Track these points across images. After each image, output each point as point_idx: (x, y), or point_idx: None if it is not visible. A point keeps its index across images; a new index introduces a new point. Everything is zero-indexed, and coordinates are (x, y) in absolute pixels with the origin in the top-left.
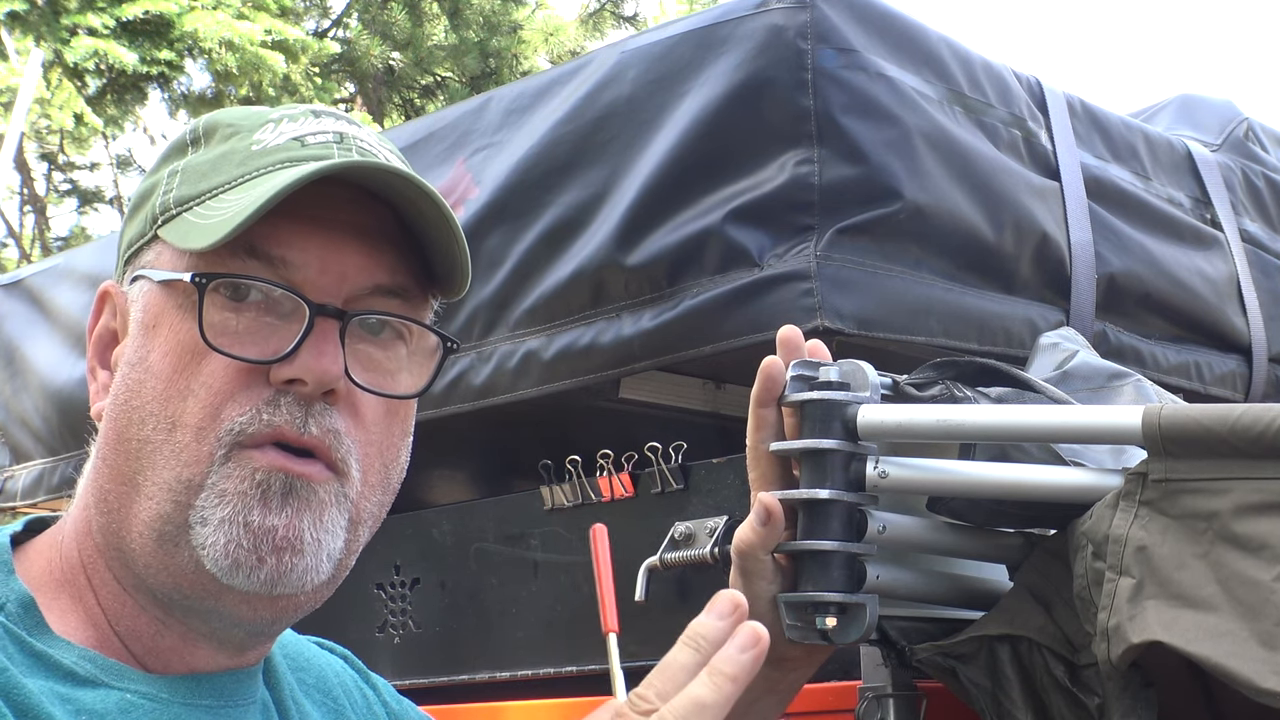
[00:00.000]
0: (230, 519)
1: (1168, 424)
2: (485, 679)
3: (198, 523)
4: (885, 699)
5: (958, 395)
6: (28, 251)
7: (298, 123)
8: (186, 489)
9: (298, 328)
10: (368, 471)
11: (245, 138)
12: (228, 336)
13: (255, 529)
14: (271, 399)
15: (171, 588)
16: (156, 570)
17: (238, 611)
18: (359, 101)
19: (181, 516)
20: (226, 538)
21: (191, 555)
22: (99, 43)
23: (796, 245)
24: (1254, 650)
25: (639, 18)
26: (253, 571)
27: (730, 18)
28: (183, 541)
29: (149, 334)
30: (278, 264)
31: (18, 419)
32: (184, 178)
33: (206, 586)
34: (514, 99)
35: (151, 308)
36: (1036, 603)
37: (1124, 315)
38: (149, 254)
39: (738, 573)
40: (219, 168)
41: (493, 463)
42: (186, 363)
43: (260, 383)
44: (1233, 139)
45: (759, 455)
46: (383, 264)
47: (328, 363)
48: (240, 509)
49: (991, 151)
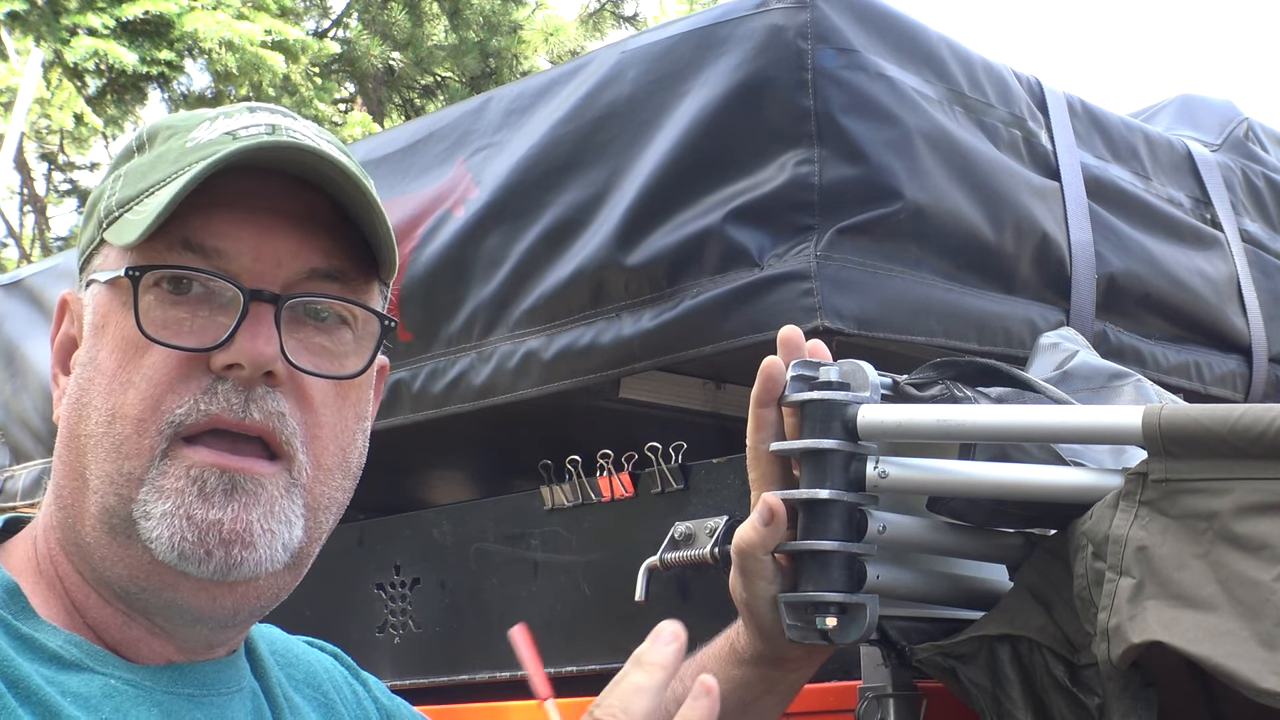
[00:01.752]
0: (172, 513)
1: (1168, 424)
2: (485, 679)
3: (141, 516)
4: (885, 699)
5: (958, 395)
6: (28, 251)
7: (232, 119)
8: (128, 481)
9: (234, 315)
10: (320, 455)
11: (181, 137)
12: (167, 329)
13: (199, 523)
14: (209, 388)
15: (129, 580)
16: (113, 563)
17: (197, 601)
18: (359, 101)
19: (126, 510)
20: (170, 530)
21: (143, 547)
22: (99, 43)
23: (796, 245)
24: (1254, 650)
25: (639, 18)
26: (202, 562)
27: (730, 18)
28: (132, 534)
29: (98, 334)
30: (212, 254)
31: (18, 419)
32: (125, 180)
33: (163, 577)
34: (514, 99)
35: (100, 308)
36: (1036, 603)
37: (1124, 315)
38: (98, 258)
39: (738, 572)
40: (156, 167)
41: (493, 463)
42: (130, 357)
43: (200, 373)
44: (1233, 139)
45: (759, 455)
46: (318, 248)
47: (261, 344)
48: (180, 504)
49: (991, 151)
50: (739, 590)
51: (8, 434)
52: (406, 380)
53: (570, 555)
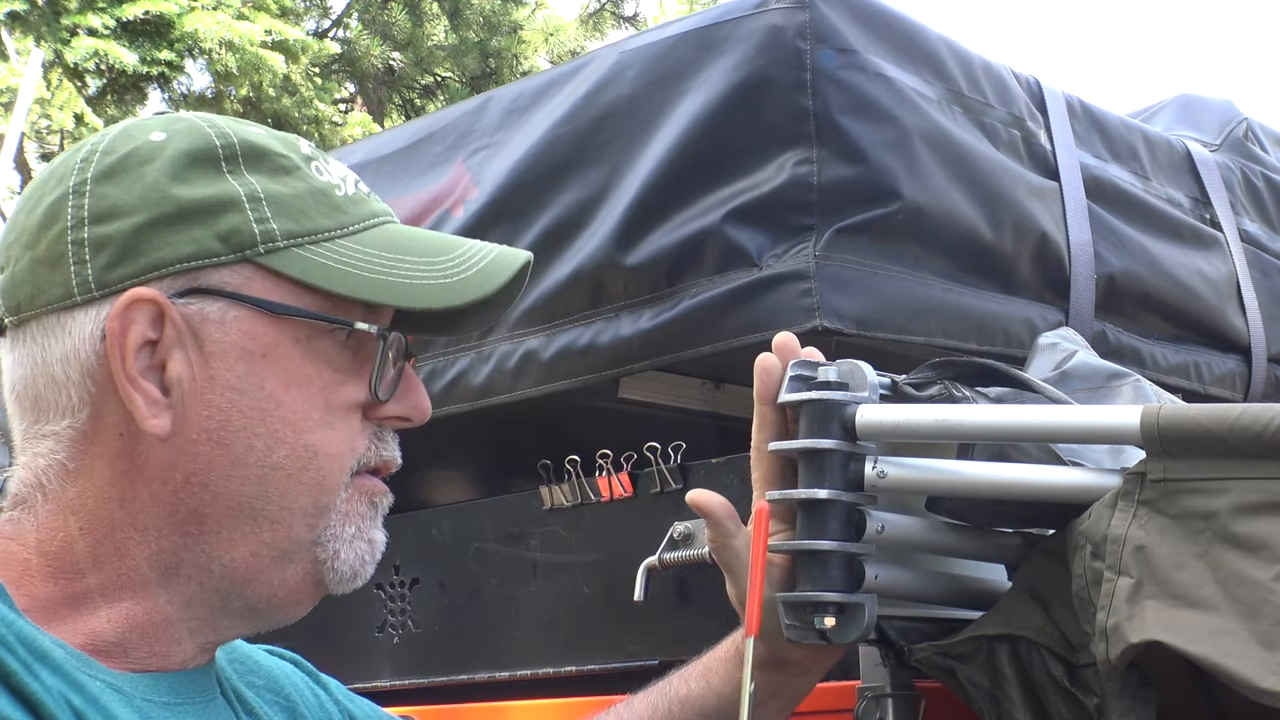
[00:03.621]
0: (357, 536)
1: (1166, 424)
2: (485, 679)
3: (328, 539)
4: (884, 699)
5: (956, 395)
6: None
7: (320, 160)
8: (320, 513)
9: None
10: None
11: (308, 176)
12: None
13: (373, 543)
14: (377, 433)
15: (264, 598)
16: (257, 585)
17: (303, 610)
18: (359, 101)
19: (310, 537)
20: (355, 554)
21: (307, 570)
22: (99, 43)
23: (795, 245)
24: (1253, 650)
25: (639, 18)
26: (356, 579)
27: (729, 18)
28: (301, 558)
29: (260, 363)
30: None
31: None
32: (276, 209)
33: (304, 590)
34: (514, 99)
35: (261, 336)
36: (1035, 603)
37: (1123, 315)
38: (229, 276)
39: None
40: (316, 208)
41: (492, 463)
42: (318, 398)
43: (363, 419)
44: (1232, 139)
45: (761, 455)
46: None
47: (425, 401)
48: (363, 528)
49: (991, 151)
50: (732, 592)
51: (8, 434)
52: None
53: (569, 555)
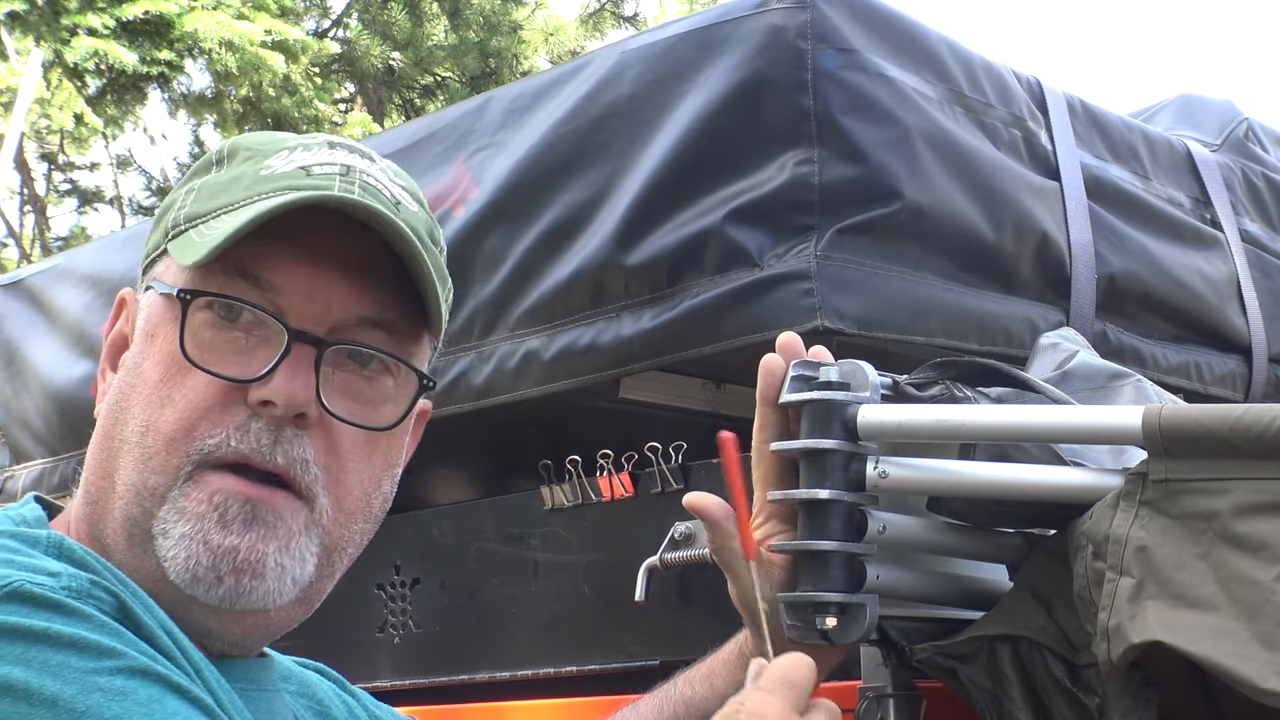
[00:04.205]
0: (190, 535)
1: (1168, 424)
2: (485, 679)
3: (160, 534)
4: (885, 699)
5: (958, 395)
6: (28, 251)
7: (310, 152)
8: (151, 496)
9: (274, 352)
10: (342, 499)
11: (258, 162)
12: (212, 354)
13: (215, 548)
14: (243, 424)
15: (148, 589)
16: (131, 569)
17: (206, 623)
18: (359, 101)
19: (146, 523)
20: (186, 553)
21: (157, 563)
22: (99, 43)
23: (796, 245)
24: (1254, 650)
25: (639, 18)
26: (211, 587)
27: (730, 18)
28: (149, 548)
29: (148, 342)
30: (265, 287)
31: (18, 419)
32: (198, 195)
33: (173, 595)
34: (514, 99)
35: (153, 317)
36: (1036, 603)
37: (1124, 315)
38: (159, 265)
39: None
40: (228, 189)
41: (493, 463)
42: (173, 374)
43: (238, 403)
44: (1233, 139)
45: (763, 455)
46: (369, 297)
47: (298, 387)
48: (199, 528)
49: (991, 151)
50: (734, 591)
51: (8, 434)
52: None
53: (570, 555)
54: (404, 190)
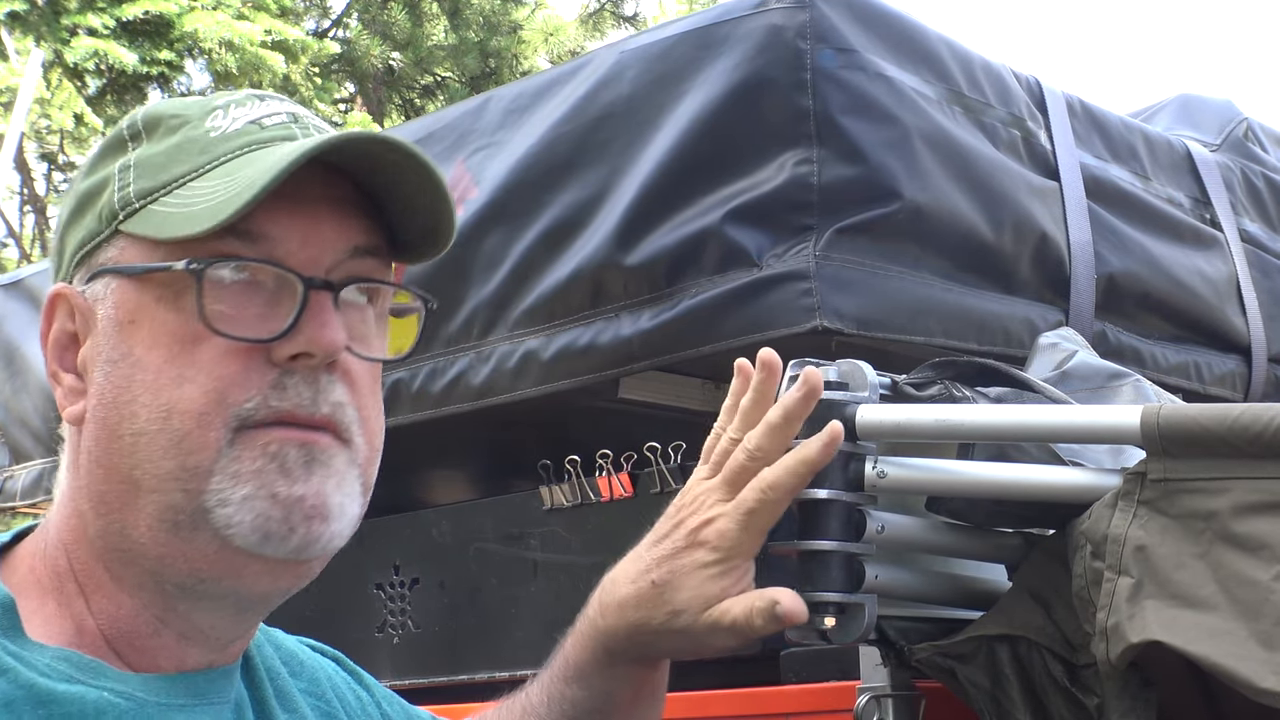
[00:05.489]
0: (254, 494)
1: (1166, 424)
2: (485, 679)
3: (217, 505)
4: (884, 699)
5: (957, 395)
6: (28, 251)
7: (247, 107)
8: (194, 475)
9: (290, 304)
10: (371, 438)
11: (197, 126)
12: (222, 321)
13: (283, 500)
14: (277, 381)
15: (188, 574)
16: (173, 559)
17: (258, 584)
18: (359, 101)
19: (194, 503)
20: (254, 513)
21: (214, 536)
22: (99, 43)
23: (796, 245)
24: (1253, 650)
25: (639, 18)
26: (283, 540)
27: (729, 18)
28: (202, 526)
29: (127, 330)
30: (260, 240)
31: (18, 419)
32: (140, 172)
33: (230, 563)
34: (514, 99)
35: (126, 303)
36: (1035, 603)
37: (1123, 315)
38: (110, 251)
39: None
40: (178, 158)
41: (492, 463)
42: (177, 352)
43: (261, 364)
44: (1232, 139)
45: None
46: (354, 224)
47: (331, 333)
48: (262, 485)
49: (991, 151)
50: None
51: (8, 434)
52: (406, 380)
53: (570, 555)
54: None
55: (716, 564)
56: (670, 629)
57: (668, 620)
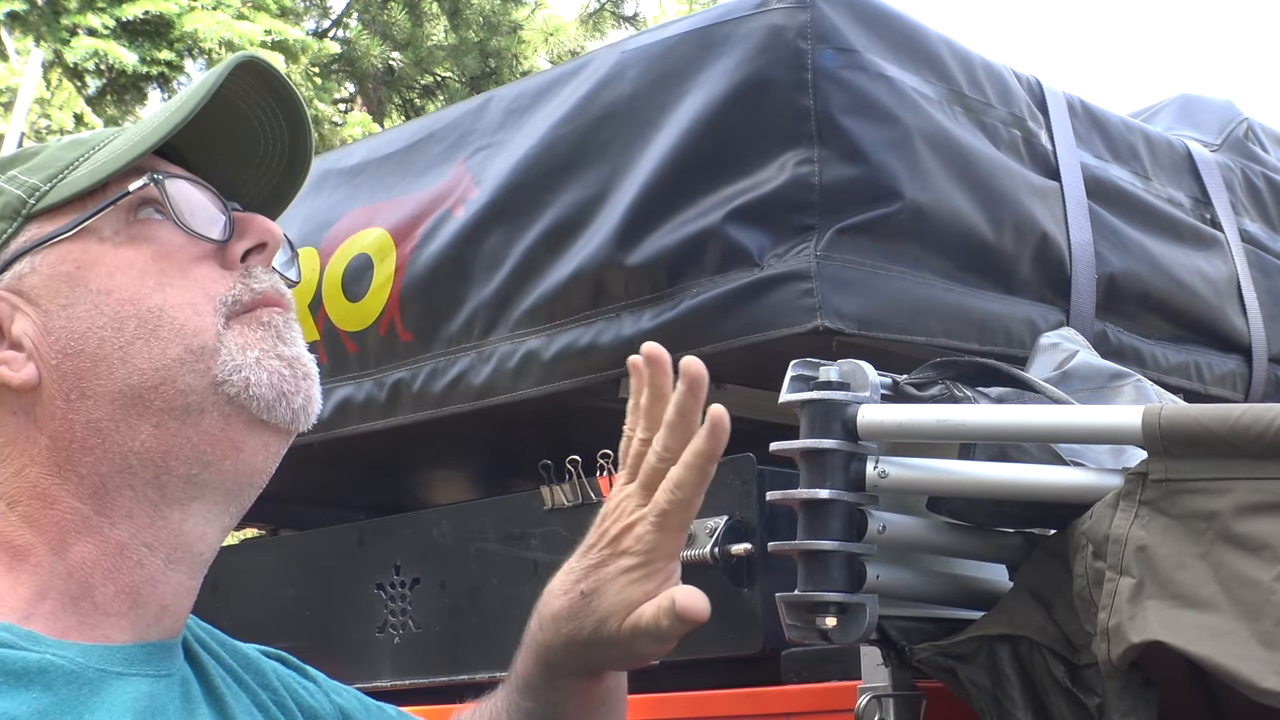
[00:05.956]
0: (263, 355)
1: (1168, 424)
2: (485, 679)
3: (232, 373)
4: (885, 699)
5: (958, 395)
6: None
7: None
8: (201, 355)
9: (222, 218)
10: None
11: (57, 145)
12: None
13: (288, 358)
14: (245, 273)
15: (194, 460)
16: (179, 450)
17: (255, 459)
18: (359, 101)
19: (205, 382)
20: (269, 372)
21: (224, 412)
22: (99, 43)
23: (796, 245)
24: (1254, 650)
25: (639, 18)
26: (292, 399)
27: (730, 18)
28: (209, 404)
29: (75, 277)
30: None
31: None
32: (29, 171)
33: (232, 438)
34: (514, 99)
35: (65, 260)
36: (1036, 603)
37: (1124, 315)
38: (21, 238)
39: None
40: (62, 154)
41: (493, 463)
42: (146, 268)
43: (224, 265)
44: (1233, 139)
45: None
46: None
47: (264, 222)
48: (269, 347)
49: (991, 151)
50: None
51: None
52: (406, 380)
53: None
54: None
55: (638, 568)
56: (599, 638)
57: (596, 629)
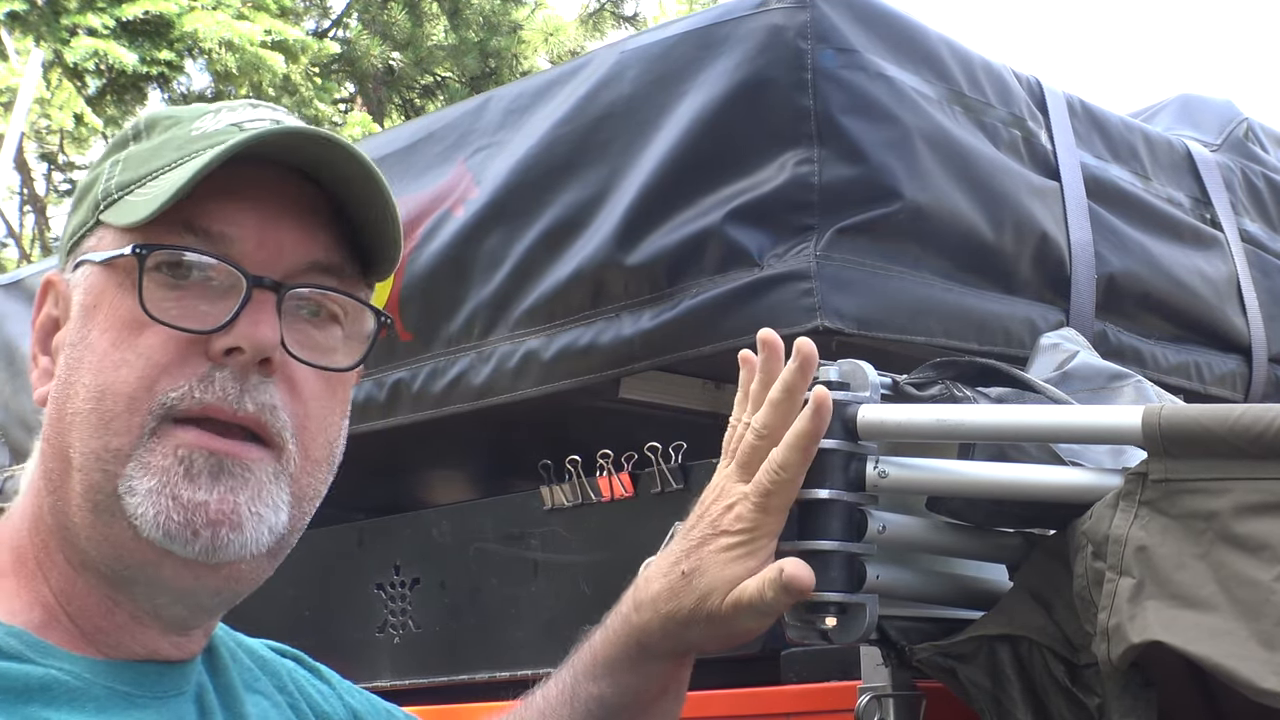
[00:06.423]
0: (158, 490)
1: (1168, 424)
2: (485, 679)
3: (126, 493)
4: (885, 699)
5: (957, 395)
6: (28, 251)
7: (236, 112)
8: (114, 458)
9: (235, 301)
10: (309, 447)
11: (185, 126)
12: (167, 311)
13: (185, 503)
14: (206, 375)
15: (113, 559)
16: (98, 542)
17: (180, 580)
18: (359, 101)
19: (111, 485)
20: (155, 508)
21: (127, 524)
22: (99, 43)
23: (796, 245)
24: (1254, 650)
25: (639, 18)
26: (188, 542)
27: (730, 18)
28: (116, 511)
29: (89, 315)
30: (216, 239)
31: (18, 419)
32: (125, 165)
33: (146, 555)
34: (514, 99)
35: (93, 289)
36: (1036, 603)
37: (1124, 315)
38: (91, 239)
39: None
40: (159, 154)
41: (492, 463)
42: (124, 336)
43: (198, 358)
44: (1233, 139)
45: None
46: (319, 241)
47: (264, 330)
48: (166, 482)
49: (991, 151)
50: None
51: (8, 434)
52: (406, 380)
53: (570, 555)
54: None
55: (739, 546)
56: (700, 616)
57: (697, 607)
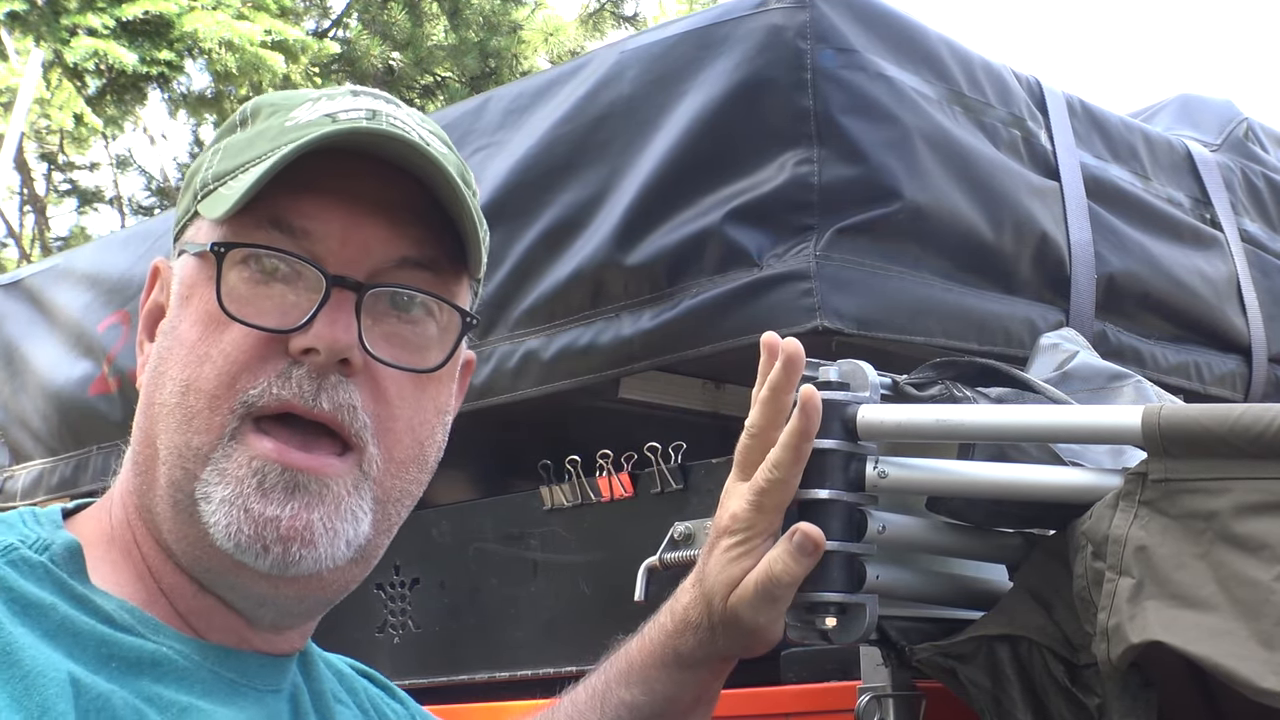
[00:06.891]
0: (231, 500)
1: (1167, 424)
2: (485, 679)
3: (202, 499)
4: (885, 699)
5: (957, 395)
6: (28, 251)
7: (335, 100)
8: (195, 457)
9: (315, 299)
10: (392, 448)
11: (282, 115)
12: (250, 307)
13: (256, 518)
14: (284, 371)
15: (193, 557)
16: (178, 538)
17: (258, 587)
18: None
19: (190, 486)
20: (228, 520)
21: (202, 530)
22: (99, 43)
23: (796, 245)
24: (1254, 650)
25: (639, 18)
26: (259, 556)
27: (729, 18)
28: (194, 514)
29: (183, 305)
30: (299, 235)
31: (18, 419)
32: (224, 154)
33: (223, 562)
34: (514, 99)
35: (187, 280)
36: (1036, 603)
37: (1124, 315)
38: (191, 229)
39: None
40: (254, 144)
41: (492, 463)
42: (210, 331)
43: (278, 355)
44: (1232, 139)
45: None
46: (408, 237)
47: (339, 331)
48: (240, 494)
49: (991, 151)
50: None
51: (8, 434)
52: None
53: (570, 555)
54: (432, 134)
55: (737, 545)
56: (715, 620)
57: (708, 611)
